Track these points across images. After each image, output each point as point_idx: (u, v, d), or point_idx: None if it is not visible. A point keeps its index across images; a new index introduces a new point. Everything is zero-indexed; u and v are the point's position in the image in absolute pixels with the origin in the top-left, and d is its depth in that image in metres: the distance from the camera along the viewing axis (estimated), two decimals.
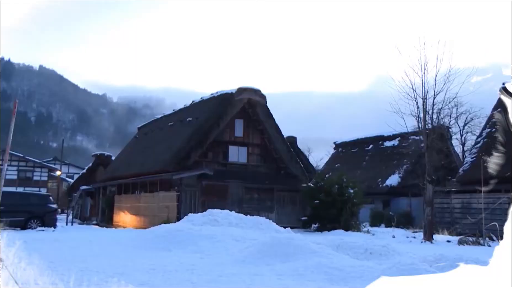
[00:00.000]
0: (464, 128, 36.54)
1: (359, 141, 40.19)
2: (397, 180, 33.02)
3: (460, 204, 23.75)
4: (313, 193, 24.58)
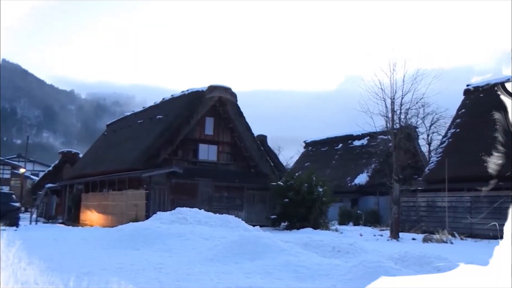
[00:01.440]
0: (430, 128, 37.34)
1: (329, 140, 40.60)
2: (365, 179, 33.51)
3: (426, 202, 24.27)
4: (282, 192, 24.71)
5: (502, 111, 23.03)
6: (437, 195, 23.21)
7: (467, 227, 21.47)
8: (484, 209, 21.35)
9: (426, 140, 37.98)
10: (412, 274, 7.93)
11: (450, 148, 24.70)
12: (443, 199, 22.02)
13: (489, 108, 24.22)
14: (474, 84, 26.58)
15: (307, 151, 42.86)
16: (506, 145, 21.52)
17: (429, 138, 37.86)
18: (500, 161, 21.14)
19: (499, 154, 21.45)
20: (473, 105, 25.67)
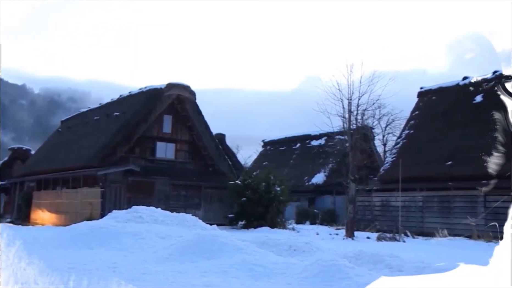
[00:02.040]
0: (386, 129, 38.13)
1: (287, 139, 40.91)
2: (322, 179, 33.95)
3: (380, 202, 24.83)
4: (240, 191, 24.73)
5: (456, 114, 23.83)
6: (391, 194, 23.77)
7: (418, 226, 22.10)
8: (435, 208, 22.03)
9: (381, 140, 38.82)
10: (366, 272, 8.09)
11: (404, 149, 25.35)
12: (396, 199, 22.57)
13: (441, 110, 25.02)
14: (427, 87, 27.39)
15: (265, 151, 43.06)
16: (456, 146, 22.27)
17: (385, 139, 38.71)
18: (451, 162, 21.87)
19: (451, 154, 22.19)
20: (426, 107, 26.44)
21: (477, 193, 20.24)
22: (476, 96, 23.64)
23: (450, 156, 22.16)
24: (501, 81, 23.15)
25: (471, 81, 24.69)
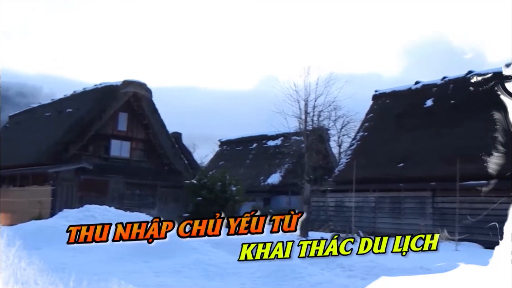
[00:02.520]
0: (341, 131, 38.78)
1: (243, 139, 40.94)
2: (278, 179, 34.16)
3: (334, 202, 25.22)
4: (196, 190, 24.60)
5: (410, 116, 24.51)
6: (345, 195, 24.19)
7: (370, 226, 22.59)
8: (387, 209, 22.58)
9: (337, 142, 39.46)
10: (318, 272, 8.21)
11: (358, 150, 25.86)
12: (350, 199, 22.99)
13: (394, 114, 25.69)
14: (381, 90, 28.05)
15: (222, 150, 42.96)
16: (408, 149, 22.91)
17: (340, 140, 39.37)
18: (403, 164, 22.47)
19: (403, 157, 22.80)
20: (380, 110, 27.06)
21: (426, 194, 20.89)
22: (426, 101, 24.40)
23: (402, 158, 22.77)
24: (448, 86, 24.02)
25: (423, 86, 25.50)
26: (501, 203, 18.06)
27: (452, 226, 18.59)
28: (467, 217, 16.46)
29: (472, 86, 22.97)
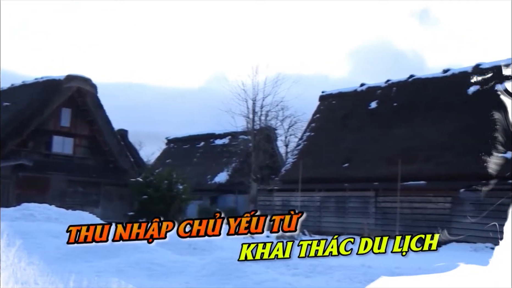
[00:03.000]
0: (288, 131, 39.12)
1: (191, 137, 40.62)
2: (225, 178, 34.12)
3: (281, 201, 25.44)
4: (142, 188, 24.20)
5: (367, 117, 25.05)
6: (291, 194, 24.46)
7: (316, 225, 22.97)
8: (332, 208, 23.02)
9: (284, 141, 39.79)
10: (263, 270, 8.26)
11: (305, 150, 26.22)
12: (296, 199, 23.29)
13: (340, 115, 26.25)
14: (328, 92, 28.57)
15: (169, 148, 42.47)
16: (353, 149, 23.47)
17: (287, 140, 39.70)
18: (347, 164, 23.00)
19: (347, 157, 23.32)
20: (326, 111, 27.56)
21: (369, 194, 21.47)
22: (371, 103, 25.08)
23: (347, 158, 23.29)
24: (391, 89, 24.81)
25: (368, 88, 26.22)
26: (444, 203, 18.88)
27: (393, 225, 19.22)
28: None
29: (413, 89, 23.83)
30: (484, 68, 21.83)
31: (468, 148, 19.24)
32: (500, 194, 17.40)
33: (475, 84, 21.28)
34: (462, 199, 18.29)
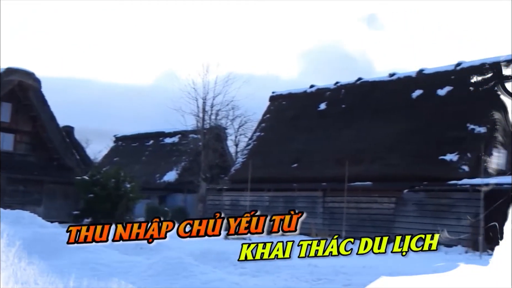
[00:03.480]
0: (238, 130, 39.16)
1: (140, 135, 39.95)
2: (174, 177, 33.77)
3: (230, 201, 25.45)
4: (87, 187, 23.55)
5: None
6: (240, 194, 24.50)
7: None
8: (280, 208, 23.22)
9: (234, 141, 39.83)
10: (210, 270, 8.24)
11: (254, 150, 26.35)
12: (245, 198, 23.36)
13: (290, 115, 26.55)
14: (278, 92, 28.83)
15: (117, 146, 41.60)
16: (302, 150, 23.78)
17: (237, 140, 39.72)
18: (296, 164, 23.28)
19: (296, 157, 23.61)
20: (276, 111, 27.80)
21: (317, 194, 21.82)
22: (320, 104, 25.51)
23: (296, 159, 23.58)
24: (340, 91, 25.34)
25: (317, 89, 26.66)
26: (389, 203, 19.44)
27: (340, 224, 19.62)
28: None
29: (361, 92, 24.43)
30: (427, 73, 22.69)
31: (412, 150, 19.92)
32: (440, 195, 18.27)
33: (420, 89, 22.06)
34: (405, 200, 18.92)
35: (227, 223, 5.97)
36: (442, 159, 18.72)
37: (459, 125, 19.43)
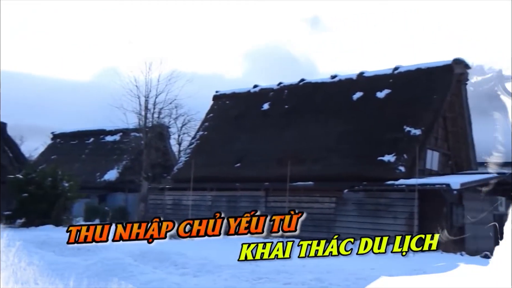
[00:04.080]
0: (181, 129, 38.83)
1: (79, 133, 38.81)
2: (115, 175, 33.04)
3: (172, 200, 25.17)
4: (21, 186, 22.57)
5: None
6: (183, 193, 24.28)
7: None
8: (223, 207, 23.20)
9: (177, 140, 39.44)
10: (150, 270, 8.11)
11: (197, 149, 26.17)
12: (188, 198, 23.17)
13: (233, 115, 26.57)
14: (222, 91, 28.79)
15: (54, 143, 40.17)
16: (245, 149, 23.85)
17: (180, 139, 39.36)
18: (239, 164, 23.33)
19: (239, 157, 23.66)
20: (220, 110, 27.75)
21: (260, 193, 21.96)
22: (264, 104, 25.70)
23: (239, 158, 23.62)
24: (283, 91, 25.63)
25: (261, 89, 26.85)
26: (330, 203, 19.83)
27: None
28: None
29: (304, 93, 24.81)
30: (367, 76, 23.37)
31: (352, 151, 20.45)
32: (378, 195, 18.88)
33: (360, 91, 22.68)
34: (346, 199, 19.39)
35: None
36: (381, 160, 19.33)
37: (396, 127, 20.14)
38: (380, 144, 19.84)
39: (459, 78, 21.16)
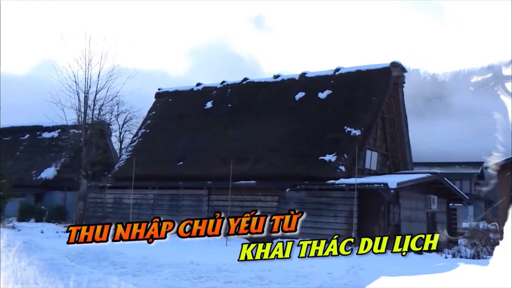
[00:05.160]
0: (123, 127, 38.10)
1: (13, 129, 37.17)
2: (53, 173, 31.94)
3: (113, 199, 24.63)
4: None
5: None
6: (124, 192, 23.82)
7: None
8: (166, 206, 22.97)
9: (118, 138, 38.64)
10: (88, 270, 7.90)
11: (139, 147, 25.74)
12: (129, 196, 22.75)
13: (176, 113, 26.31)
14: (165, 89, 28.47)
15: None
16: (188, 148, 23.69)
17: (122, 136, 38.63)
18: (182, 162, 23.14)
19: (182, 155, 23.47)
20: (162, 108, 27.41)
21: (202, 192, 21.88)
22: (207, 102, 25.62)
23: (182, 157, 23.43)
24: (226, 90, 25.66)
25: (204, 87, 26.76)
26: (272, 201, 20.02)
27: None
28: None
29: (247, 92, 24.94)
30: (309, 76, 23.80)
31: (294, 150, 20.76)
32: (319, 194, 19.27)
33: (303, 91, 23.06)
34: (287, 198, 19.66)
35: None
36: (322, 160, 19.73)
37: (337, 127, 20.63)
38: (321, 143, 20.26)
39: (397, 81, 21.98)
